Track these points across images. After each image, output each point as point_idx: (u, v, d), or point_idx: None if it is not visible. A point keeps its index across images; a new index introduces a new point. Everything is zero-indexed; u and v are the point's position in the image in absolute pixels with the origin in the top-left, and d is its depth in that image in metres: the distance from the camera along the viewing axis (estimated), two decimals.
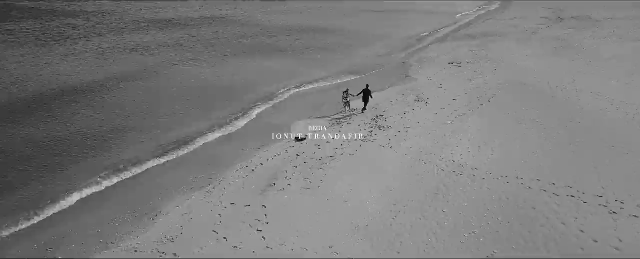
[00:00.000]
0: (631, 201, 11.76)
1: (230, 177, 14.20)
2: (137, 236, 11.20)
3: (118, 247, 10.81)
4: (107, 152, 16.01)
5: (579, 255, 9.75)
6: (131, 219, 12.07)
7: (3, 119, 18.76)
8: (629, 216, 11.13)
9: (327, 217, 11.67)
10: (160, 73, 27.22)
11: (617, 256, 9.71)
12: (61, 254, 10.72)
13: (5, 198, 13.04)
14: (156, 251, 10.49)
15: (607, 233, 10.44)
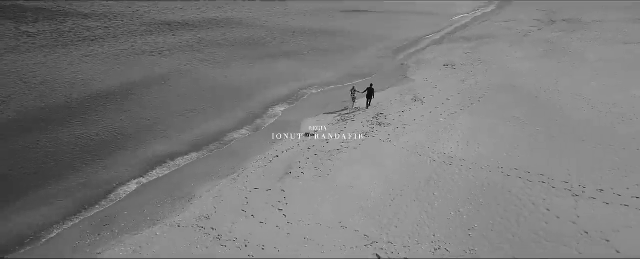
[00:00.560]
0: (592, 186, 14.00)
1: (251, 167, 16.41)
2: (178, 215, 13.41)
3: (163, 223, 13.02)
4: (142, 149, 18.14)
5: (542, 228, 11.97)
6: (170, 202, 14.27)
7: (46, 119, 20.86)
8: (588, 198, 13.36)
9: (336, 199, 13.87)
10: (177, 75, 29.32)
11: (576, 231, 11.93)
12: (116, 228, 12.91)
13: (61, 187, 15.21)
14: (196, 226, 12.70)
15: (568, 211, 12.67)
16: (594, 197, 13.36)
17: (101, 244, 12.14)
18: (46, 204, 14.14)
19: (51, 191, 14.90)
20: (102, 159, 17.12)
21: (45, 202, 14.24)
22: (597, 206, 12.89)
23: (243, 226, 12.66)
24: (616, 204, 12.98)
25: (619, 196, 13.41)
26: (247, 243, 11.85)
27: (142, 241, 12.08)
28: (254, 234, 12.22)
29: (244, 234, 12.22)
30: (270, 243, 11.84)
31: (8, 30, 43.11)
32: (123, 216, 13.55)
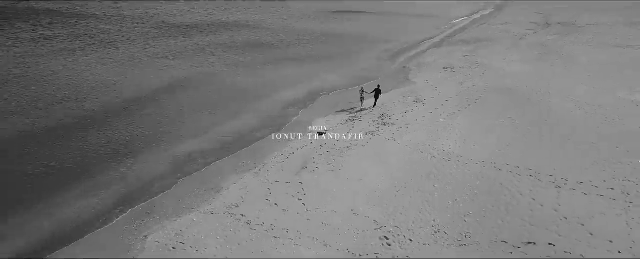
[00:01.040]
0: (573, 179, 15.91)
1: (270, 162, 18.30)
2: (209, 204, 15.30)
3: (198, 211, 14.90)
4: (170, 147, 19.96)
5: (528, 215, 13.88)
6: (202, 193, 16.17)
7: (76, 120, 22.61)
8: (569, 189, 15.28)
9: (347, 191, 15.77)
10: (192, 78, 31.12)
11: (556, 217, 13.82)
12: (157, 215, 14.81)
13: (102, 181, 17.10)
14: (227, 213, 14.60)
15: (551, 200, 14.58)
16: (574, 188, 15.28)
17: (146, 229, 14.03)
18: (92, 196, 15.99)
19: (94, 185, 16.73)
20: (135, 157, 18.98)
21: (91, 194, 16.10)
22: (576, 196, 14.81)
23: (268, 213, 14.56)
24: (593, 195, 14.90)
25: (596, 187, 15.33)
26: (273, 227, 13.75)
27: (181, 226, 13.97)
28: (279, 220, 14.12)
29: (270, 220, 14.12)
30: (293, 227, 13.73)
31: (25, 33, 44.89)
32: (161, 206, 15.43)
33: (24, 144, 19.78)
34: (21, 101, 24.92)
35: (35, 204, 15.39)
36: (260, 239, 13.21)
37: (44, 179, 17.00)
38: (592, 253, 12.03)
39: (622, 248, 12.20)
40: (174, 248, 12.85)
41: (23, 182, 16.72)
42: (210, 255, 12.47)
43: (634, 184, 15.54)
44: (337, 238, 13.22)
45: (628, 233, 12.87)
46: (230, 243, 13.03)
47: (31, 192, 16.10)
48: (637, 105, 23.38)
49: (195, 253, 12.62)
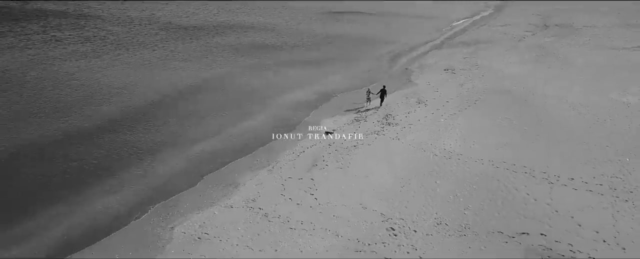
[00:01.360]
0: (565, 175, 17.17)
1: (283, 160, 19.55)
2: (229, 198, 16.55)
3: (219, 204, 16.15)
4: (187, 146, 21.24)
5: (522, 208, 15.13)
6: (221, 188, 17.42)
7: (98, 122, 23.87)
8: (561, 185, 16.54)
9: (355, 186, 17.01)
10: (204, 80, 32.36)
11: (548, 210, 15.07)
12: (182, 209, 16.07)
13: (126, 178, 18.37)
14: (246, 207, 15.86)
15: (544, 195, 15.83)
16: (565, 184, 16.55)
17: (171, 221, 15.27)
18: (117, 193, 17.19)
19: (117, 183, 17.93)
20: (154, 156, 20.23)
21: (116, 191, 17.30)
22: (567, 191, 16.08)
23: (283, 206, 15.81)
24: (582, 190, 16.17)
25: (586, 183, 16.59)
26: (289, 219, 15.01)
27: (204, 218, 15.23)
28: (293, 213, 15.38)
29: (286, 213, 15.37)
30: (306, 220, 14.99)
31: (36, 34, 46.13)
32: (183, 201, 16.68)
33: (45, 144, 20.93)
34: (40, 103, 26.12)
35: (65, 199, 16.64)
36: (277, 230, 14.47)
37: (67, 178, 18.21)
38: (580, 241, 13.29)
39: (607, 237, 13.46)
40: (199, 238, 14.11)
41: (48, 182, 17.91)
42: (233, 244, 13.73)
43: (621, 180, 16.80)
44: (347, 228, 14.47)
45: (613, 224, 14.13)
46: (250, 234, 14.29)
47: (61, 189, 17.34)
48: (627, 106, 24.63)
49: (219, 243, 13.87)
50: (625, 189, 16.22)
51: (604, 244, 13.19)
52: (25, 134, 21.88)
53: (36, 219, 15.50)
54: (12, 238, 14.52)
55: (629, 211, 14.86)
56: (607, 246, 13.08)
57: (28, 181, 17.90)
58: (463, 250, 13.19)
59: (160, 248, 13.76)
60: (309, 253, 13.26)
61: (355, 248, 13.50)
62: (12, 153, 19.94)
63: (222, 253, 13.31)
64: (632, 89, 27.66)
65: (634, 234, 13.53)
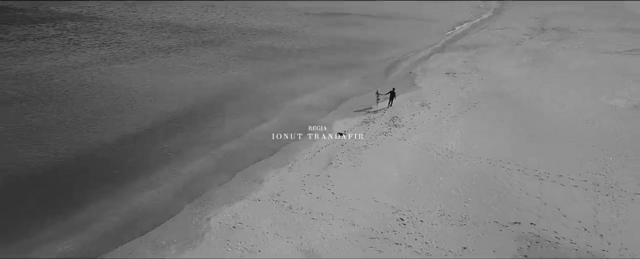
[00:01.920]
0: (554, 172, 19.29)
1: (301, 159, 21.67)
2: (256, 192, 18.67)
3: (247, 199, 18.26)
4: (214, 147, 23.35)
5: (515, 201, 17.26)
6: (247, 184, 19.52)
7: (135, 128, 26.06)
8: (550, 181, 18.66)
9: (368, 182, 19.12)
10: (221, 86, 34.38)
11: (538, 203, 17.18)
12: (215, 202, 18.18)
13: (161, 175, 20.48)
14: (272, 200, 17.98)
15: (534, 190, 17.95)
16: (554, 180, 18.68)
17: (208, 213, 17.39)
18: (155, 189, 19.29)
19: (154, 180, 20.01)
20: (185, 155, 22.35)
21: (155, 188, 19.39)
22: (556, 187, 18.21)
23: (305, 200, 17.94)
24: (569, 186, 18.30)
25: (572, 179, 18.72)
26: (311, 211, 17.13)
27: (236, 210, 17.35)
28: (314, 205, 17.50)
29: (307, 206, 17.50)
30: (326, 211, 17.11)
31: (54, 38, 48.04)
32: (216, 195, 18.79)
33: (85, 149, 22.73)
34: (71, 109, 27.24)
35: (111, 194, 18.76)
36: (301, 220, 16.59)
37: (109, 176, 20.25)
38: (564, 230, 15.43)
39: (587, 226, 15.60)
40: (234, 227, 16.24)
41: (93, 180, 19.98)
42: (264, 232, 15.86)
43: (604, 177, 18.93)
44: (362, 219, 16.60)
45: (594, 215, 16.27)
46: (278, 223, 16.42)
47: (105, 185, 19.46)
48: (614, 109, 26.73)
49: (252, 231, 16.00)
50: (606, 184, 18.36)
51: (585, 232, 15.33)
52: (64, 141, 23.66)
53: (89, 211, 17.63)
54: (72, 227, 16.62)
55: (609, 204, 17.00)
56: (587, 234, 15.23)
57: (77, 179, 19.98)
58: (463, 237, 15.32)
59: (200, 236, 15.89)
60: (330, 240, 15.39)
61: (369, 236, 15.62)
62: (60, 158, 21.73)
63: (255, 240, 15.44)
64: (620, 92, 29.74)
65: (611, 223, 15.68)
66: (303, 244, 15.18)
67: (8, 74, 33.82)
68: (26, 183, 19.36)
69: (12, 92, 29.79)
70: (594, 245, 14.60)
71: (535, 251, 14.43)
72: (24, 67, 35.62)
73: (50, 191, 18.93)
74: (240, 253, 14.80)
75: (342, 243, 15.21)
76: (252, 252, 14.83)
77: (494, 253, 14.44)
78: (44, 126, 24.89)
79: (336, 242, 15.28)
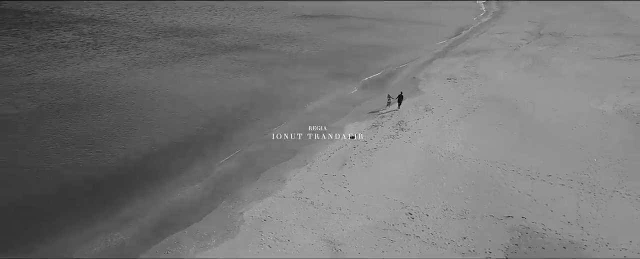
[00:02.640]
0: (544, 173, 21.75)
1: (317, 160, 24.12)
2: (280, 190, 21.13)
3: (273, 195, 20.71)
4: (241, 149, 25.87)
5: (509, 198, 19.73)
6: (272, 183, 21.96)
7: (173, 132, 28.51)
8: (540, 180, 21.13)
9: (379, 181, 21.56)
10: (238, 91, 36.84)
11: (529, 199, 19.64)
12: (245, 198, 20.64)
13: (193, 176, 22.94)
14: (296, 197, 20.44)
15: (526, 188, 20.41)
16: (543, 180, 21.16)
17: (240, 208, 19.85)
18: (190, 187, 21.75)
19: (187, 179, 22.49)
20: (212, 156, 24.83)
21: (191, 185, 21.89)
22: (545, 185, 20.69)
23: (324, 196, 20.41)
24: (557, 184, 20.78)
25: (560, 179, 21.20)
26: (330, 206, 19.60)
27: (265, 206, 19.81)
28: (333, 202, 19.97)
29: (327, 202, 19.96)
30: (343, 206, 19.57)
31: (72, 43, 50.40)
32: (245, 192, 21.24)
33: (129, 154, 25.27)
34: (110, 117, 29.65)
35: (153, 191, 21.26)
36: (322, 214, 19.07)
37: (150, 175, 22.80)
38: (550, 223, 17.90)
39: (570, 220, 18.08)
40: (265, 220, 18.71)
41: (137, 178, 22.54)
42: (291, 224, 18.33)
43: (588, 176, 21.41)
44: (375, 213, 19.07)
45: (577, 210, 18.75)
46: (302, 216, 18.90)
47: (145, 183, 21.94)
48: (602, 113, 29.19)
49: (280, 223, 18.47)
50: (590, 183, 20.84)
51: (568, 224, 17.82)
52: (107, 146, 25.75)
53: (135, 207, 20.09)
54: (121, 222, 19.04)
55: (591, 200, 19.49)
56: (570, 226, 17.71)
57: (121, 180, 22.43)
58: (463, 229, 17.80)
59: (236, 228, 18.36)
60: (349, 231, 17.88)
61: (382, 228, 18.10)
62: (106, 162, 23.95)
63: (284, 231, 17.93)
64: (608, 97, 32.18)
65: (591, 217, 18.17)
66: (325, 235, 17.66)
67: (37, 80, 36.21)
68: (76, 186, 21.63)
69: (47, 99, 32.20)
70: (575, 235, 17.08)
71: (525, 241, 16.92)
72: (51, 74, 37.96)
73: (101, 191, 21.40)
74: (272, 241, 17.29)
75: (359, 234, 17.69)
76: (283, 241, 17.31)
77: (489, 242, 16.93)
78: (86, 132, 27.20)
79: (354, 233, 17.75)
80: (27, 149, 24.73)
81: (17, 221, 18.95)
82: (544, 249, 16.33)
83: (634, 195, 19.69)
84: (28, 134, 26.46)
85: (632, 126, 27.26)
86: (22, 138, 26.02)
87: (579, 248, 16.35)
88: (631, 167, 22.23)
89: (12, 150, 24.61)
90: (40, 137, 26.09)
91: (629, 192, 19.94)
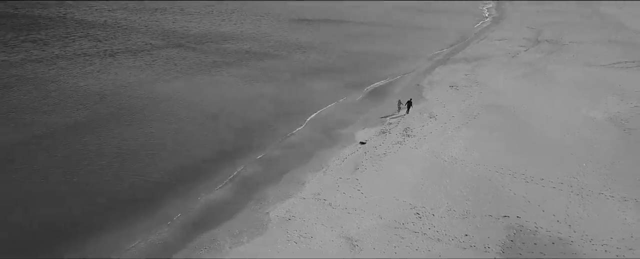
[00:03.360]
0: (538, 176, 24.15)
1: (332, 164, 26.49)
2: (301, 192, 23.48)
3: (294, 197, 23.07)
4: (261, 153, 28.26)
5: (506, 199, 22.13)
6: (292, 185, 24.35)
7: (198, 138, 30.91)
8: (534, 183, 23.54)
9: (389, 184, 23.94)
10: (254, 97, 39.24)
11: (524, 200, 22.03)
12: (270, 199, 23.01)
13: (219, 179, 25.35)
14: (314, 198, 22.82)
15: (521, 190, 22.81)
16: (537, 183, 23.57)
17: (266, 208, 22.23)
18: (221, 188, 24.17)
19: (214, 183, 24.86)
20: (236, 160, 27.21)
21: (219, 187, 24.31)
22: (538, 188, 23.08)
23: (340, 198, 22.80)
24: (549, 187, 23.17)
25: (551, 182, 23.60)
26: (346, 207, 21.99)
27: (288, 206, 22.18)
28: (349, 203, 22.35)
29: (343, 203, 22.36)
30: (358, 207, 21.96)
31: (91, 50, 52.69)
32: (268, 194, 23.60)
33: (164, 157, 27.84)
34: (146, 127, 32.80)
35: (187, 190, 23.65)
36: (339, 214, 21.45)
37: (181, 178, 25.21)
38: (542, 221, 20.29)
39: (560, 219, 20.47)
40: (289, 219, 21.09)
41: (172, 181, 24.96)
42: (313, 223, 20.72)
43: (577, 180, 23.81)
44: (387, 213, 21.46)
45: (565, 210, 21.14)
46: (322, 216, 21.28)
47: (179, 186, 24.33)
48: (592, 120, 31.59)
49: (303, 222, 20.84)
50: (578, 186, 23.24)
51: (557, 222, 20.22)
52: (148, 154, 28.70)
53: (171, 207, 22.45)
54: (160, 221, 21.40)
55: (578, 201, 21.88)
56: (559, 224, 20.11)
57: (158, 182, 24.87)
58: (465, 227, 20.19)
59: (264, 226, 20.72)
60: (364, 229, 20.26)
61: (394, 226, 20.48)
62: (145, 170, 26.70)
63: (307, 229, 20.32)
64: (599, 105, 34.59)
65: (578, 216, 20.57)
66: (343, 232, 20.04)
67: (65, 89, 38.57)
68: (118, 192, 24.02)
69: (80, 109, 34.57)
70: (563, 233, 19.48)
71: (520, 238, 19.31)
72: (88, 85, 40.37)
73: (141, 194, 23.76)
74: (297, 238, 19.68)
75: (373, 231, 20.07)
76: (307, 238, 19.69)
77: (488, 238, 19.32)
78: (125, 142, 29.41)
79: (368, 231, 20.13)
80: (71, 159, 26.92)
81: (66, 223, 21.22)
82: (535, 244, 18.72)
83: (617, 197, 22.09)
84: (72, 145, 28.64)
85: (619, 133, 29.65)
86: (71, 148, 28.17)
87: (566, 244, 18.74)
88: (616, 171, 24.63)
89: (60, 158, 26.95)
90: (84, 146, 28.43)
91: (612, 194, 22.34)
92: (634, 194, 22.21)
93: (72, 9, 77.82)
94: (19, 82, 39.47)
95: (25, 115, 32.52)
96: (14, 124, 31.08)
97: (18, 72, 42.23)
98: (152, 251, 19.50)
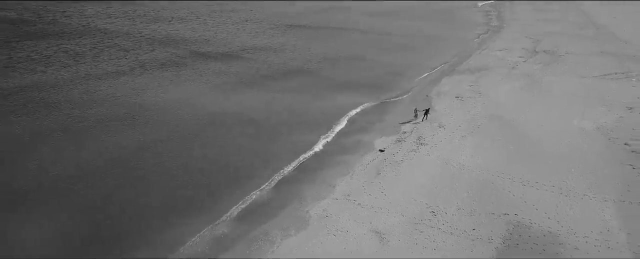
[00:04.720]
0: (533, 180, 28.53)
1: (357, 170, 30.86)
2: (333, 193, 27.82)
3: (327, 198, 27.45)
4: (295, 160, 32.67)
5: (505, 200, 26.54)
6: (325, 188, 28.69)
7: (234, 143, 35.30)
8: (530, 186, 27.93)
9: (407, 187, 28.28)
10: (273, 106, 43.54)
11: (521, 201, 26.44)
12: (307, 199, 27.38)
13: (259, 184, 29.75)
14: (346, 199, 27.19)
15: (519, 193, 27.19)
16: (532, 186, 27.97)
17: (305, 207, 26.63)
18: (260, 190, 28.52)
19: (256, 184, 29.28)
20: (272, 164, 31.60)
21: (258, 188, 28.68)
22: (533, 191, 27.47)
23: (367, 199, 27.19)
24: (542, 190, 27.58)
25: (544, 185, 28.00)
26: (373, 207, 26.37)
27: (323, 206, 26.54)
28: (374, 203, 26.73)
29: (370, 203, 26.75)
30: (383, 207, 26.32)
31: (118, 60, 56.86)
32: (305, 195, 27.99)
33: (205, 162, 32.19)
34: (183, 129, 37.03)
35: (234, 190, 28.03)
36: (367, 213, 25.83)
37: (227, 180, 29.60)
38: (536, 218, 24.68)
39: (550, 216, 24.88)
40: (327, 216, 25.49)
41: (221, 184, 29.33)
42: (346, 220, 25.10)
43: (565, 183, 28.21)
44: (407, 211, 25.85)
45: (555, 208, 25.54)
46: (353, 215, 25.68)
47: (224, 188, 28.70)
48: (582, 130, 35.98)
49: (339, 219, 25.22)
50: (567, 188, 27.64)
51: (548, 219, 24.62)
52: (196, 158, 33.00)
53: (222, 204, 26.84)
54: (213, 219, 25.70)
55: (567, 202, 26.28)
56: (549, 220, 24.51)
57: (205, 184, 29.24)
58: (473, 222, 24.61)
59: (307, 221, 25.10)
60: (389, 225, 24.66)
61: (414, 222, 24.89)
62: (193, 174, 31.09)
63: (342, 224, 24.71)
64: (589, 115, 38.97)
65: (565, 214, 24.98)
66: (373, 227, 24.43)
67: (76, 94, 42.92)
68: (173, 194, 28.46)
69: (96, 114, 38.93)
70: (552, 227, 23.90)
71: (517, 231, 23.72)
72: (111, 90, 44.72)
73: (195, 196, 28.14)
74: (335, 232, 24.09)
75: (397, 227, 24.47)
76: (343, 232, 24.10)
77: (491, 232, 23.73)
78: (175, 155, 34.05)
79: (393, 226, 24.53)
80: (155, 171, 31.40)
81: (127, 224, 25.03)
82: (530, 236, 23.14)
83: (599, 198, 26.51)
84: (147, 159, 33.10)
85: (605, 142, 34.05)
86: (145, 162, 32.68)
87: (555, 236, 23.15)
88: (599, 176, 29.03)
89: (139, 171, 31.33)
90: (159, 159, 32.79)
91: (595, 196, 26.75)
92: (612, 196, 26.61)
93: (93, 17, 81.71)
94: (84, 97, 43.67)
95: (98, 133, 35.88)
96: (91, 140, 35.40)
97: (66, 89, 46.39)
98: (215, 244, 23.85)
